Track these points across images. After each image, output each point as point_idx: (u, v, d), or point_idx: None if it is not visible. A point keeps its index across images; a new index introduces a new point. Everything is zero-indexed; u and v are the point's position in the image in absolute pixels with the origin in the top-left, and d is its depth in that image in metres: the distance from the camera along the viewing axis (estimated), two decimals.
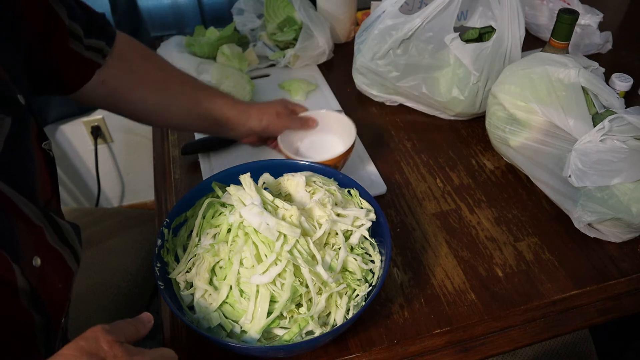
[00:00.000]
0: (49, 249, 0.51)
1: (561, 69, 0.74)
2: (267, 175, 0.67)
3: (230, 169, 0.69)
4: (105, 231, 0.99)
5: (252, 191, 0.60)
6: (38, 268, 0.48)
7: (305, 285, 0.56)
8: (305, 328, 0.57)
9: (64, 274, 0.53)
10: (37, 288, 0.47)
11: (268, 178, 0.67)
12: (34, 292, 0.47)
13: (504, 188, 0.82)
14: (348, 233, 0.63)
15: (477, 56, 0.87)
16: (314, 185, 0.66)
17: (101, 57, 0.67)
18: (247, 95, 0.97)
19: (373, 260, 0.63)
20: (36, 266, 0.48)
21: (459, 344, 0.62)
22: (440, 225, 0.76)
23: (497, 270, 0.70)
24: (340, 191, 0.66)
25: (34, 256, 0.48)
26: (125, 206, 1.72)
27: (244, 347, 0.55)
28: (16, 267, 0.45)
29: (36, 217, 0.49)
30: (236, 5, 1.17)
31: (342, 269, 0.60)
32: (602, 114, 0.71)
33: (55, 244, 0.52)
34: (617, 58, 1.11)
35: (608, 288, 0.68)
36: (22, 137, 0.50)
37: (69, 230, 0.55)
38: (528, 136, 0.76)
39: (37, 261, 0.48)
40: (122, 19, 1.19)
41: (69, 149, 1.52)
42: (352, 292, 0.60)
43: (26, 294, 0.46)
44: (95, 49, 0.65)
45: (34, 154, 0.52)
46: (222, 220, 0.62)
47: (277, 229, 0.56)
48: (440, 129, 0.95)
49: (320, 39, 1.07)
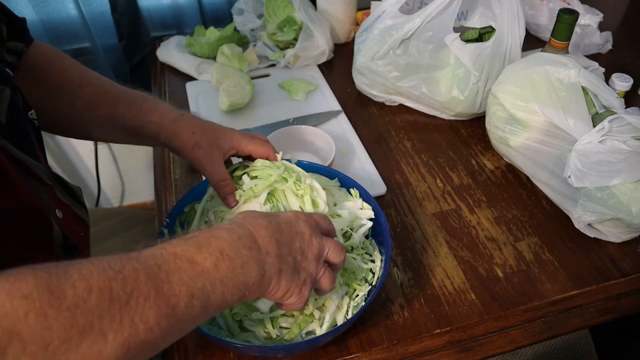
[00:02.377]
0: (63, 204, 0.56)
1: (561, 69, 0.74)
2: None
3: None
4: (105, 231, 0.99)
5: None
6: (62, 219, 0.54)
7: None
8: (306, 328, 0.57)
9: (81, 224, 0.58)
10: (68, 235, 0.53)
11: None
12: (66, 239, 0.52)
13: (504, 188, 0.82)
14: (348, 234, 0.63)
15: (477, 56, 0.87)
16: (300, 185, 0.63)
17: (17, 60, 0.64)
18: (247, 95, 0.97)
19: (373, 260, 0.63)
20: (60, 217, 0.54)
21: (459, 344, 0.62)
22: (440, 225, 0.76)
23: (497, 270, 0.70)
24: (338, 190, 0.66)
25: (55, 209, 0.54)
26: (125, 206, 1.72)
27: (243, 347, 0.55)
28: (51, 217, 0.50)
29: (46, 176, 0.54)
30: (236, 5, 1.17)
31: (342, 269, 0.60)
32: (602, 114, 0.71)
33: (66, 200, 0.57)
34: (617, 58, 1.11)
35: (608, 288, 0.68)
36: (18, 106, 0.53)
37: (75, 187, 0.61)
38: (528, 136, 0.76)
39: (60, 213, 0.54)
40: (122, 18, 1.19)
41: (69, 149, 1.51)
42: (352, 292, 0.60)
43: (59, 243, 0.51)
44: (14, 51, 0.64)
45: (26, 121, 0.55)
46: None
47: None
48: (440, 129, 0.95)
49: (320, 39, 1.07)
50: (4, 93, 0.50)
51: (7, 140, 0.49)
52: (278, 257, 0.46)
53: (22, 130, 0.53)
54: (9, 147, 0.49)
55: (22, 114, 0.54)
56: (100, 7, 1.17)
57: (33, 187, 0.50)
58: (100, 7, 1.17)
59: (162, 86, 1.09)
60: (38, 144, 0.57)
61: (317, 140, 0.83)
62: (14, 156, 0.50)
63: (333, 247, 0.51)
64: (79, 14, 1.18)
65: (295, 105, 1.01)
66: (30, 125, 0.55)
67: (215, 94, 1.01)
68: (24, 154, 0.51)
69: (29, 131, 0.55)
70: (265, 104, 1.01)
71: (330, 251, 0.51)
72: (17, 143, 0.50)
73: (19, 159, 0.50)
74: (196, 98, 1.03)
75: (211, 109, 1.00)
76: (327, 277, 0.51)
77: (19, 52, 0.65)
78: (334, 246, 0.51)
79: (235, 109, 0.98)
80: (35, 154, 0.54)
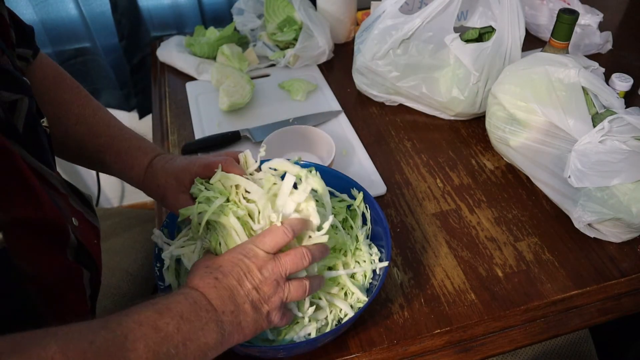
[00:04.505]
0: (77, 212, 0.57)
1: (561, 69, 0.74)
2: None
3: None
4: (105, 231, 0.99)
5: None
6: (78, 227, 0.55)
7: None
8: (304, 329, 0.57)
9: (94, 231, 0.60)
10: (83, 243, 0.54)
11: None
12: (81, 247, 0.53)
13: (504, 188, 0.82)
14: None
15: (477, 56, 0.87)
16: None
17: (25, 66, 0.65)
18: (247, 95, 0.97)
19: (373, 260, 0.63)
20: (76, 225, 0.55)
21: (459, 344, 0.62)
22: (440, 225, 0.76)
23: (497, 270, 0.70)
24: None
25: (72, 217, 0.55)
26: (125, 206, 1.72)
27: (244, 347, 0.55)
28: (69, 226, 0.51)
29: (61, 186, 0.56)
30: (236, 5, 1.17)
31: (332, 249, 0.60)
32: (602, 114, 0.71)
33: (80, 208, 0.59)
34: (617, 58, 1.11)
35: (608, 288, 0.68)
36: (35, 115, 0.53)
37: (87, 195, 0.62)
38: (528, 136, 0.76)
39: (75, 221, 0.55)
40: (122, 18, 1.19)
41: None
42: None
43: (74, 250, 0.52)
44: (23, 57, 0.65)
45: (41, 130, 0.56)
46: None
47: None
48: (440, 129, 0.95)
49: (320, 39, 1.07)
50: (22, 102, 0.51)
51: (25, 149, 0.49)
52: (234, 312, 0.49)
53: (38, 139, 0.53)
54: (28, 157, 0.50)
55: (38, 122, 0.54)
56: (100, 7, 1.17)
57: (51, 196, 0.51)
58: (101, 7, 1.17)
59: (162, 86, 1.09)
60: (51, 152, 0.58)
61: (317, 140, 0.83)
62: (32, 166, 0.50)
63: (290, 261, 0.52)
64: (79, 13, 1.18)
65: (295, 105, 1.01)
66: (44, 134, 0.56)
67: (215, 94, 1.01)
68: (40, 163, 0.52)
69: (44, 140, 0.55)
70: (265, 104, 1.01)
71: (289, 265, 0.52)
72: (34, 152, 0.51)
73: (37, 168, 0.51)
74: (196, 98, 1.03)
75: (211, 109, 1.00)
76: (296, 291, 0.52)
77: (27, 58, 0.65)
78: (290, 258, 0.52)
79: (235, 109, 0.98)
80: (50, 164, 0.55)
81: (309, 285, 0.54)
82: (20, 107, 0.50)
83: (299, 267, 0.52)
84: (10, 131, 0.47)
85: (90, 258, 0.56)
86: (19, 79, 0.52)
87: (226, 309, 0.48)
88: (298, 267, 0.52)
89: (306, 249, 0.53)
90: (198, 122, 0.96)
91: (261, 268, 0.51)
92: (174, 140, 0.94)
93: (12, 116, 0.49)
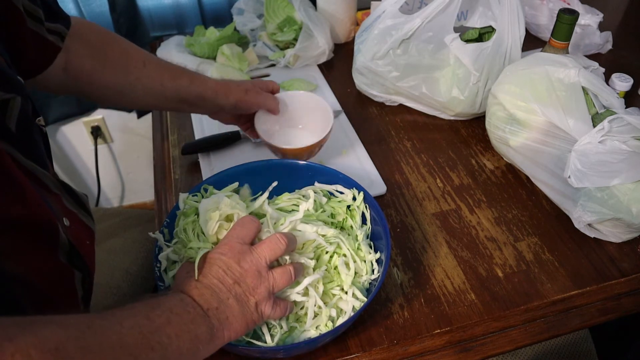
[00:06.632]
0: (70, 212, 0.58)
1: (561, 69, 0.74)
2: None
3: (230, 169, 0.69)
4: (105, 231, 0.99)
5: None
6: (69, 227, 0.55)
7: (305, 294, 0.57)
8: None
9: (87, 232, 0.60)
10: (74, 244, 0.54)
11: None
12: (72, 248, 0.53)
13: (504, 188, 0.82)
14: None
15: (477, 56, 0.87)
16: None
17: (60, 41, 0.65)
18: None
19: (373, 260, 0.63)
20: (67, 225, 0.55)
21: (459, 344, 0.62)
22: (440, 225, 0.76)
23: (497, 270, 0.70)
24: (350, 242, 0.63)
25: (63, 217, 0.55)
26: (125, 206, 1.72)
27: (244, 348, 0.55)
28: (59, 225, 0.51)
29: (54, 186, 0.56)
30: (236, 5, 1.17)
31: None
32: (602, 114, 0.71)
33: (73, 208, 0.59)
34: (617, 58, 1.11)
35: (608, 288, 0.68)
36: (28, 114, 0.53)
37: (82, 195, 0.63)
38: (528, 136, 0.76)
39: (67, 221, 0.55)
40: (120, 18, 1.19)
41: (69, 149, 1.51)
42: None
43: (65, 251, 0.52)
44: (56, 32, 0.64)
45: (36, 129, 0.56)
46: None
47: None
48: (440, 129, 0.95)
49: (320, 39, 1.07)
50: (14, 101, 0.50)
51: (16, 149, 0.49)
52: (218, 308, 0.50)
53: (32, 139, 0.53)
54: (18, 156, 0.50)
55: (32, 122, 0.54)
56: (99, 7, 1.17)
57: (42, 195, 0.51)
58: (100, 7, 1.17)
59: None
60: (46, 151, 0.58)
61: (311, 109, 0.81)
62: (23, 165, 0.50)
63: (266, 248, 0.53)
64: (79, 13, 1.18)
65: None
66: (38, 133, 0.55)
67: None
68: (33, 163, 0.52)
69: (38, 139, 0.55)
70: None
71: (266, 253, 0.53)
72: (26, 152, 0.51)
73: (28, 168, 0.51)
74: None
75: None
76: (281, 278, 0.53)
77: (60, 33, 0.65)
78: (266, 246, 0.53)
79: None
80: (44, 163, 0.55)
81: (294, 270, 0.54)
82: (12, 107, 0.50)
83: (277, 252, 0.53)
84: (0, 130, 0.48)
85: (82, 259, 0.56)
86: (11, 78, 0.52)
87: (210, 306, 0.49)
88: (276, 253, 0.53)
89: (280, 234, 0.54)
90: (198, 122, 0.96)
91: (240, 261, 0.52)
92: (174, 140, 0.94)
93: (4, 115, 0.49)
